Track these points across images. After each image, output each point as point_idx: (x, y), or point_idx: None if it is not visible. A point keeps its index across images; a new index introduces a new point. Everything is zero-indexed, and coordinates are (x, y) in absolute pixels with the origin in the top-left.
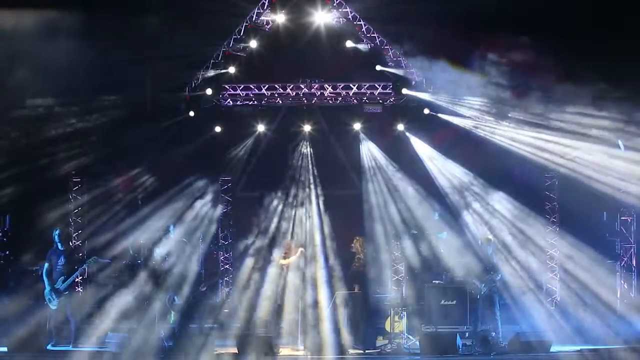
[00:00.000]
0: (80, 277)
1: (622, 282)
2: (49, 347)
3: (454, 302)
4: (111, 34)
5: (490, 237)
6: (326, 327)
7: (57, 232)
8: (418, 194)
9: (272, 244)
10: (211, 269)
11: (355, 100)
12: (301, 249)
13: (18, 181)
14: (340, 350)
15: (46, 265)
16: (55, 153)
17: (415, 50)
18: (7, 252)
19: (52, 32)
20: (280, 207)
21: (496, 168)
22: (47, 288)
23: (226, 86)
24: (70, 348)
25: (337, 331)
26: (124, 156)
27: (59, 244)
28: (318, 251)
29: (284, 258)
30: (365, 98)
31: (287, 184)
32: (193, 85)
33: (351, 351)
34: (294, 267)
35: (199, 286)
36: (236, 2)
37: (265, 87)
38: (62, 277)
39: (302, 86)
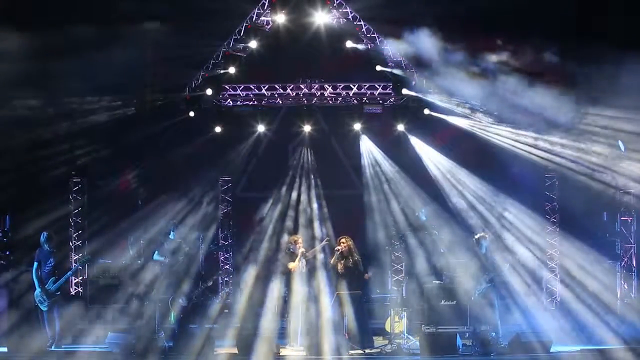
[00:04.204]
0: (80, 278)
1: (622, 282)
2: (49, 347)
3: (454, 302)
4: (111, 34)
5: (480, 235)
6: (326, 327)
7: (44, 235)
8: (417, 193)
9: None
10: (211, 269)
11: (355, 101)
12: (302, 250)
13: (18, 181)
14: (340, 350)
15: (35, 265)
16: (55, 153)
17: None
18: (7, 252)
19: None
20: (280, 208)
21: (496, 168)
22: (38, 289)
23: (226, 86)
24: (59, 348)
25: (337, 331)
26: (124, 156)
27: (45, 245)
28: (318, 251)
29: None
30: (365, 98)
31: (286, 184)
32: (193, 85)
33: (351, 351)
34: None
35: (198, 287)
36: (236, 2)
37: (265, 87)
38: (53, 278)
39: (302, 86)
